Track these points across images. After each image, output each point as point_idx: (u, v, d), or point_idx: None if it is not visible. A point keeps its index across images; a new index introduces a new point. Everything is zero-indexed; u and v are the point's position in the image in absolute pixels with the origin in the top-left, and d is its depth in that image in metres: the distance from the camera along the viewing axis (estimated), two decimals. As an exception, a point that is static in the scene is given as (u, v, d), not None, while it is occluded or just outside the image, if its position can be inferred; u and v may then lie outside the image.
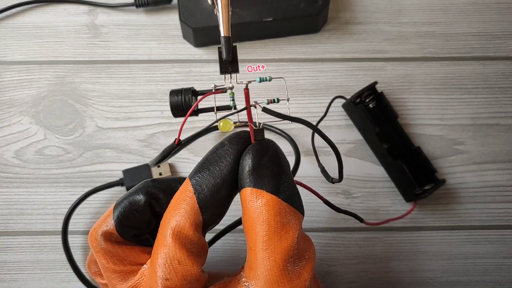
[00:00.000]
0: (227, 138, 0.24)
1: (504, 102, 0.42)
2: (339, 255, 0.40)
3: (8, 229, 0.40)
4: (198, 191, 0.23)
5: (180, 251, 0.22)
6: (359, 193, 0.41)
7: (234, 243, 0.40)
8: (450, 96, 0.42)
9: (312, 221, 0.40)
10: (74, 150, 0.41)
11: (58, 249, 0.39)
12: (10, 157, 0.41)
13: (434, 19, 0.44)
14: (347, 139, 0.41)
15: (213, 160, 0.24)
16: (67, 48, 0.43)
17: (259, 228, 0.22)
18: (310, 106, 0.42)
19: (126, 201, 0.26)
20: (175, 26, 0.43)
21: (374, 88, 0.40)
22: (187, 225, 0.23)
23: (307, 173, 0.41)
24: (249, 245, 0.23)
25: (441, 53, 0.43)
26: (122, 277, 0.25)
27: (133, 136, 0.41)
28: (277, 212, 0.22)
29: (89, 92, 0.42)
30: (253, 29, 0.42)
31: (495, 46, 0.43)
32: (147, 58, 0.43)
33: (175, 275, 0.22)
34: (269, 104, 0.24)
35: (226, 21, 0.26)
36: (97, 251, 0.26)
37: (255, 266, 0.22)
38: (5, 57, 0.43)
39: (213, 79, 0.42)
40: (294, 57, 0.43)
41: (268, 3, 0.41)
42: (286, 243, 0.22)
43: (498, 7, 0.44)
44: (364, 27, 0.44)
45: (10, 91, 0.42)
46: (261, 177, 0.23)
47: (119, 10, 0.44)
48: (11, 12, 0.44)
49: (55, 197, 0.40)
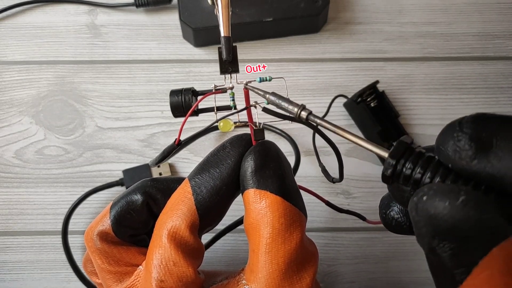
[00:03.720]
0: (228, 141, 0.24)
1: (503, 102, 0.42)
2: (339, 255, 0.40)
3: (8, 229, 0.40)
4: (197, 193, 0.23)
5: (175, 253, 0.22)
6: (359, 193, 0.41)
7: (234, 243, 0.40)
8: (450, 96, 0.42)
9: (312, 221, 0.40)
10: (74, 150, 0.41)
11: (58, 249, 0.39)
12: (10, 157, 0.41)
13: (434, 19, 0.44)
14: (347, 139, 0.41)
15: (213, 162, 0.24)
16: (67, 48, 0.43)
17: (262, 230, 0.22)
18: (310, 106, 0.42)
19: (123, 200, 0.26)
20: (175, 26, 0.43)
21: (375, 87, 0.40)
22: (183, 227, 0.22)
23: (307, 173, 0.41)
24: (252, 247, 0.22)
25: (441, 53, 0.43)
26: (117, 278, 0.25)
27: (133, 136, 0.41)
28: (281, 214, 0.22)
29: (89, 92, 0.42)
30: (253, 29, 0.42)
31: (494, 46, 0.43)
32: (147, 58, 0.43)
33: (170, 277, 0.22)
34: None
35: (226, 21, 0.26)
36: (92, 251, 0.26)
37: (257, 269, 0.22)
38: (5, 57, 0.43)
39: (213, 79, 0.42)
40: (294, 57, 0.43)
41: (268, 3, 0.41)
42: (289, 246, 0.22)
43: (498, 7, 0.44)
44: (364, 27, 0.44)
45: (10, 91, 0.42)
46: (264, 178, 0.22)
47: (119, 10, 0.44)
48: (11, 12, 0.44)
49: (55, 197, 0.40)
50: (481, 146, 0.16)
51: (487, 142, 0.16)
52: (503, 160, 0.16)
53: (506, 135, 0.16)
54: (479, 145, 0.16)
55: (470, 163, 0.16)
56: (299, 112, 0.22)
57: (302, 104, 0.22)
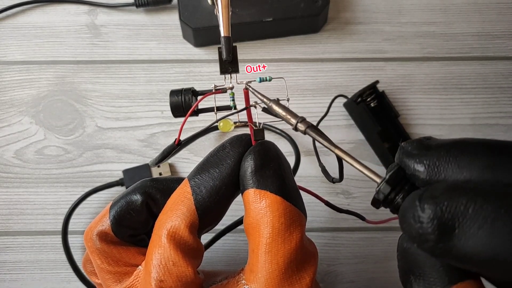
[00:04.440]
0: (228, 141, 0.24)
1: (503, 102, 0.42)
2: (339, 255, 0.40)
3: (8, 229, 0.40)
4: (196, 193, 0.23)
5: (175, 253, 0.22)
6: (359, 193, 0.41)
7: (234, 243, 0.40)
8: (450, 96, 0.42)
9: (312, 221, 0.40)
10: (74, 150, 0.41)
11: (58, 249, 0.39)
12: (10, 157, 0.41)
13: (434, 19, 0.44)
14: (346, 139, 0.41)
15: (213, 162, 0.24)
16: (67, 48, 0.43)
17: (262, 230, 0.22)
18: (310, 106, 0.42)
19: (123, 200, 0.26)
20: (175, 26, 0.43)
21: (375, 87, 0.40)
22: (182, 227, 0.22)
23: (307, 173, 0.41)
24: (251, 247, 0.22)
25: (440, 53, 0.43)
26: (117, 278, 0.25)
27: (133, 136, 0.41)
28: (281, 213, 0.22)
29: (89, 92, 0.42)
30: (253, 29, 0.42)
31: (494, 46, 0.43)
32: (147, 58, 0.43)
33: (169, 277, 0.22)
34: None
35: (226, 21, 0.26)
36: (92, 251, 0.25)
37: (256, 269, 0.22)
38: (5, 57, 0.43)
39: (213, 79, 0.42)
40: (294, 57, 0.43)
41: (268, 3, 0.41)
42: (289, 246, 0.21)
43: (498, 7, 0.44)
44: (364, 27, 0.44)
45: (10, 91, 0.42)
46: (264, 178, 0.22)
47: (119, 10, 0.44)
48: (11, 12, 0.44)
49: (55, 197, 0.40)
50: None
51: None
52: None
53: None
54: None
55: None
56: (296, 124, 0.22)
57: (301, 117, 0.23)
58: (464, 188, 0.16)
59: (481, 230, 0.15)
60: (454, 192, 0.16)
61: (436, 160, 0.17)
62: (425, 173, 0.17)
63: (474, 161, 0.16)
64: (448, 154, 0.17)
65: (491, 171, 0.16)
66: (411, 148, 0.18)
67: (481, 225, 0.15)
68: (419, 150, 0.18)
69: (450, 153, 0.17)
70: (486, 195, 0.15)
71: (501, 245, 0.15)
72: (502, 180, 0.16)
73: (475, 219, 0.15)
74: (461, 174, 0.16)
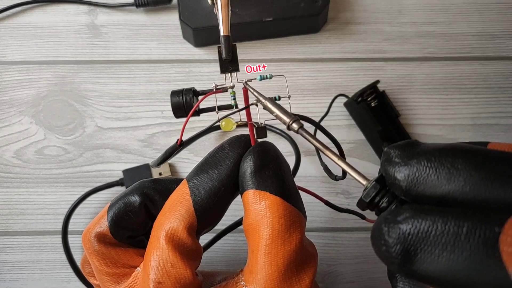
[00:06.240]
0: (227, 141, 0.24)
1: (503, 102, 0.42)
2: (339, 255, 0.40)
3: (8, 229, 0.40)
4: (195, 194, 0.23)
5: (173, 254, 0.22)
6: (359, 193, 0.40)
7: (234, 243, 0.40)
8: (450, 96, 0.42)
9: (312, 221, 0.40)
10: (74, 150, 0.41)
11: (58, 249, 0.39)
12: (10, 157, 0.41)
13: (434, 19, 0.44)
14: (347, 139, 0.41)
15: (212, 163, 0.23)
16: (67, 48, 0.43)
17: (262, 231, 0.21)
18: (310, 106, 0.42)
19: (121, 202, 0.25)
20: (175, 26, 0.43)
21: (376, 87, 0.40)
22: (181, 228, 0.22)
23: (307, 173, 0.41)
24: (251, 248, 0.22)
25: (441, 53, 0.43)
26: (115, 280, 0.25)
27: (133, 136, 0.41)
28: (281, 214, 0.21)
29: (89, 92, 0.42)
30: (253, 29, 0.42)
31: (494, 46, 0.43)
32: (147, 58, 0.43)
33: (168, 279, 0.22)
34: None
35: (225, 20, 0.26)
36: (90, 253, 0.25)
37: (256, 270, 0.22)
38: (5, 57, 0.43)
39: (213, 78, 0.42)
40: (294, 57, 0.43)
41: (268, 3, 0.41)
42: (289, 247, 0.21)
43: (498, 7, 0.44)
44: (364, 27, 0.44)
45: (10, 91, 0.42)
46: (264, 178, 0.22)
47: (119, 10, 0.44)
48: (11, 12, 0.44)
49: (55, 197, 0.40)
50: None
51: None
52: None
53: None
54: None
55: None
56: (289, 123, 0.23)
57: (295, 116, 0.23)
58: (430, 212, 0.16)
59: (440, 257, 0.15)
60: (418, 216, 0.16)
61: (416, 171, 0.17)
62: (404, 184, 0.17)
63: (453, 175, 0.16)
64: (428, 166, 0.17)
65: (470, 186, 0.16)
66: (393, 155, 0.18)
67: (441, 251, 0.15)
68: (401, 158, 0.18)
69: (431, 164, 0.17)
70: (449, 220, 0.15)
71: (460, 271, 0.15)
72: (480, 196, 0.16)
73: (435, 245, 0.15)
74: (440, 188, 0.16)
